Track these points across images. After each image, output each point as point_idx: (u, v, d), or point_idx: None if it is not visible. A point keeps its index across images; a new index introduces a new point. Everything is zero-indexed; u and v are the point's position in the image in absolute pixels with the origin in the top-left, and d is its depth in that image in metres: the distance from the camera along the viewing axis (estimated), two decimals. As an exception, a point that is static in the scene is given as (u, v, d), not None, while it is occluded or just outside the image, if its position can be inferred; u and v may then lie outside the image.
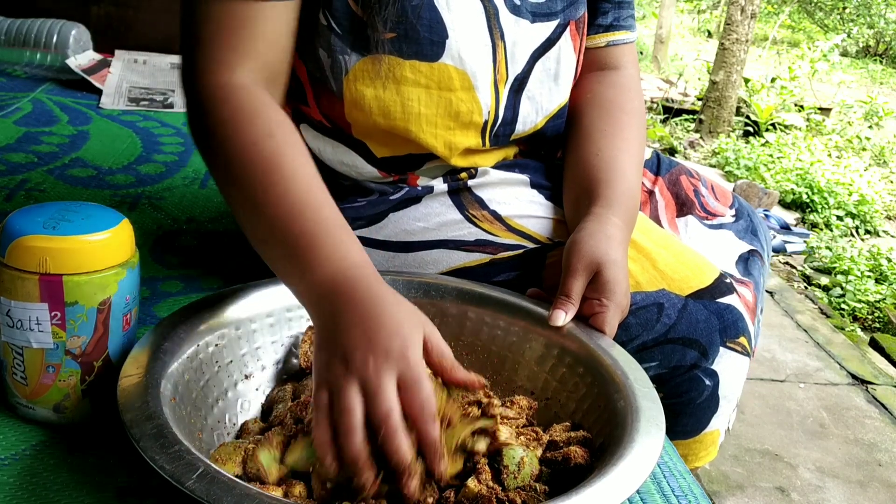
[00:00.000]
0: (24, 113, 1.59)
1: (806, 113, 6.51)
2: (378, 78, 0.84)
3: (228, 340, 0.74)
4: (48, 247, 0.63)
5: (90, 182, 1.30)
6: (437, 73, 0.85)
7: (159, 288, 0.98)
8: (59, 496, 0.62)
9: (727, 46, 5.90)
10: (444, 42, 0.85)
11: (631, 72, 1.04)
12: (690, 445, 0.98)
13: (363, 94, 0.85)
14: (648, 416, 0.65)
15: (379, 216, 0.93)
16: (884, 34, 11.34)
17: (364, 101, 0.85)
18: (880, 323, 3.29)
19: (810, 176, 4.73)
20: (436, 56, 0.85)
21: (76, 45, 1.93)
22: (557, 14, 0.93)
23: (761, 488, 2.03)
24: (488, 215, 0.93)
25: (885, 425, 2.40)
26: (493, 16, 0.88)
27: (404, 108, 0.86)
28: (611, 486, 0.57)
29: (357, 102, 0.86)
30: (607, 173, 0.92)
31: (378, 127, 0.88)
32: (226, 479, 0.53)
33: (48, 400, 0.68)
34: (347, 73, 0.85)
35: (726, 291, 0.93)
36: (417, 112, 0.87)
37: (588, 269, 0.80)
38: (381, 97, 0.85)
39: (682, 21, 12.08)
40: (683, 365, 0.90)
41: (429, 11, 0.83)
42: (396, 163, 0.92)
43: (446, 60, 0.85)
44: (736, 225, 1.12)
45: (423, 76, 0.85)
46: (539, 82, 0.94)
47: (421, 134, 0.88)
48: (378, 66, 0.84)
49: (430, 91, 0.86)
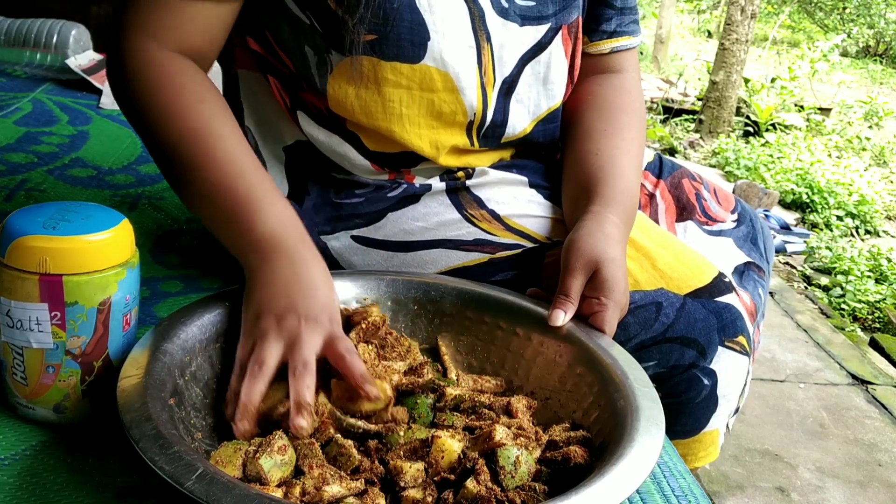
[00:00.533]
0: (24, 113, 1.59)
1: (806, 113, 6.51)
2: (358, 79, 0.85)
3: (229, 341, 0.74)
4: (48, 247, 0.63)
5: (90, 182, 1.30)
6: (419, 75, 0.85)
7: (159, 288, 0.98)
8: (59, 496, 0.62)
9: (727, 46, 5.91)
10: (426, 44, 0.84)
11: (632, 74, 1.04)
12: (689, 445, 0.98)
13: (346, 93, 0.85)
14: (648, 415, 0.65)
15: (378, 215, 0.93)
16: (884, 34, 11.34)
17: (347, 100, 0.86)
18: (880, 323, 3.29)
19: (810, 176, 4.73)
20: (417, 58, 0.85)
21: (76, 45, 1.93)
22: (548, 18, 0.92)
23: (761, 488, 2.03)
24: (487, 215, 0.93)
25: (885, 425, 2.40)
26: (478, 18, 0.87)
27: (386, 108, 0.86)
28: (610, 485, 0.57)
29: (340, 101, 0.86)
30: (606, 172, 0.92)
31: (363, 125, 0.88)
32: (225, 479, 0.53)
33: (48, 400, 0.68)
34: (332, 71, 0.85)
35: (725, 290, 0.93)
36: (399, 112, 0.87)
37: (587, 268, 0.80)
38: (363, 97, 0.86)
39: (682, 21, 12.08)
40: (682, 364, 0.90)
41: (410, 13, 0.83)
42: (389, 159, 0.92)
43: (428, 62, 0.85)
44: (736, 231, 1.11)
45: (405, 77, 0.85)
46: (528, 86, 0.93)
47: (405, 134, 0.88)
48: (358, 66, 0.84)
49: (412, 92, 0.86)
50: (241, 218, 0.75)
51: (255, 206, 0.75)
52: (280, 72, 0.92)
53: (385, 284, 0.83)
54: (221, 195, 0.76)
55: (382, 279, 0.83)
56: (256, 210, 0.75)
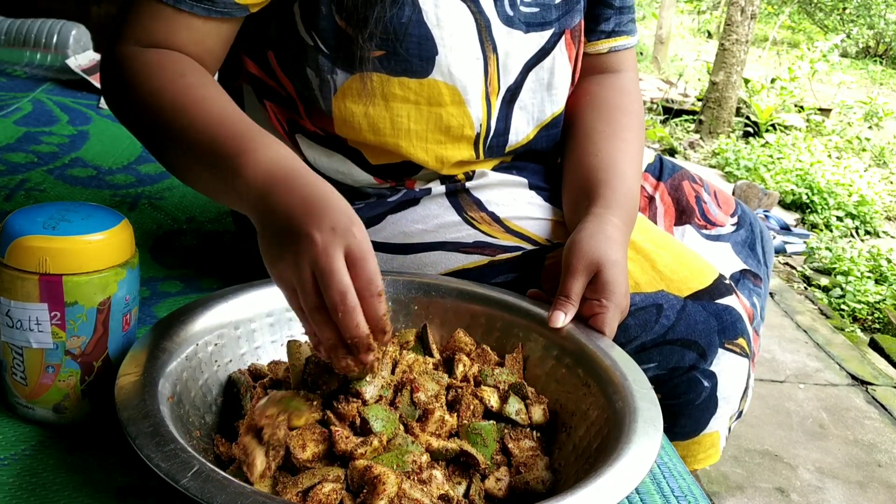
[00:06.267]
0: (24, 113, 1.59)
1: (806, 113, 6.51)
2: (367, 95, 0.84)
3: (228, 340, 0.74)
4: (48, 247, 0.63)
5: (90, 182, 1.30)
6: (427, 90, 0.85)
7: (159, 288, 0.98)
8: (59, 496, 0.62)
9: (727, 47, 5.91)
10: (434, 58, 0.84)
11: (630, 75, 1.04)
12: (689, 447, 0.98)
13: (352, 112, 0.85)
14: (646, 416, 0.66)
15: (377, 218, 0.93)
16: (884, 35, 11.34)
17: (354, 118, 0.85)
18: (880, 324, 3.29)
19: (810, 177, 4.73)
20: (425, 72, 0.84)
21: (76, 45, 1.93)
22: (552, 23, 0.92)
23: (761, 489, 2.03)
24: (487, 217, 0.93)
25: (885, 426, 2.40)
26: (484, 28, 0.87)
27: (394, 124, 0.86)
28: (607, 486, 0.57)
29: (347, 120, 0.86)
30: (607, 174, 0.92)
31: (369, 142, 0.88)
32: (220, 477, 0.53)
33: (48, 400, 0.68)
34: (336, 91, 0.84)
35: (725, 292, 0.93)
36: (407, 128, 0.86)
37: (588, 270, 0.80)
38: (371, 114, 0.85)
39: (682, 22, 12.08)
40: (682, 366, 0.90)
41: (418, 28, 0.83)
42: (391, 170, 0.92)
43: (436, 76, 0.85)
44: (735, 235, 1.11)
45: (413, 92, 0.85)
46: (531, 92, 0.93)
47: (411, 149, 0.88)
48: (366, 83, 0.83)
49: (420, 107, 0.86)
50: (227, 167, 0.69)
51: (241, 151, 0.69)
52: (278, 95, 0.91)
53: (385, 285, 0.82)
54: (205, 149, 0.71)
55: (382, 280, 0.83)
56: (243, 155, 0.69)
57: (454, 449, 0.66)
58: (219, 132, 0.71)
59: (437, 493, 0.61)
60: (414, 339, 0.80)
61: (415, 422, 0.68)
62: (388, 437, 0.65)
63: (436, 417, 0.68)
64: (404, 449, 0.63)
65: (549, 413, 0.74)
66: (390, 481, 0.58)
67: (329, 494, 0.59)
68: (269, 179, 0.67)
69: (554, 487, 0.67)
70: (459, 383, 0.74)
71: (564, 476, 0.68)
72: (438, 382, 0.73)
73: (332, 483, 0.60)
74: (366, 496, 0.58)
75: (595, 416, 0.70)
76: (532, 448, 0.70)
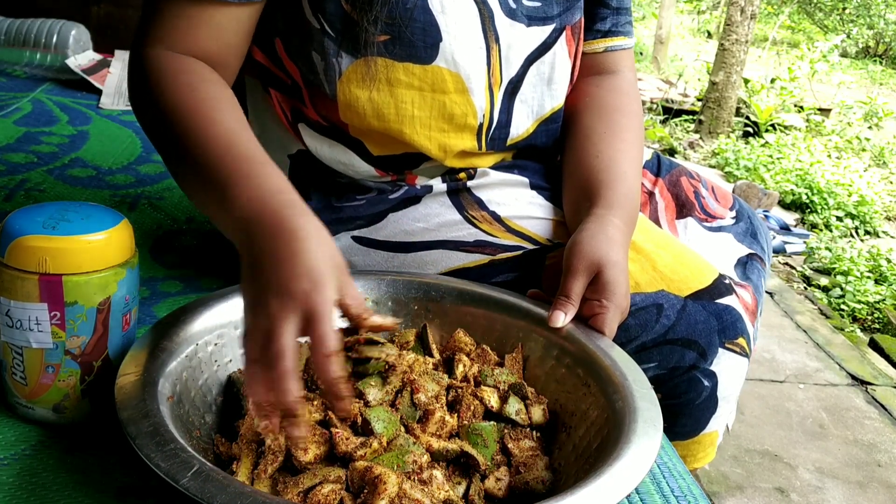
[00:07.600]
0: (24, 113, 1.59)
1: (806, 114, 6.51)
2: (371, 80, 0.85)
3: (228, 340, 0.74)
4: (48, 247, 0.63)
5: (90, 182, 1.31)
6: (431, 76, 0.86)
7: (159, 288, 0.98)
8: (59, 496, 0.62)
9: (727, 47, 5.91)
10: (438, 45, 0.85)
11: (628, 76, 1.04)
12: (689, 447, 0.98)
13: (357, 97, 0.85)
14: (646, 416, 0.66)
15: (378, 216, 0.93)
16: (884, 35, 11.34)
17: (358, 103, 0.86)
18: (880, 324, 3.29)
19: (810, 177, 4.74)
20: (429, 59, 0.85)
21: (76, 45, 1.93)
22: (553, 18, 0.93)
23: (761, 489, 2.03)
24: (488, 216, 0.93)
25: (885, 426, 2.41)
26: (487, 19, 0.88)
27: (398, 110, 0.86)
28: (608, 486, 0.57)
29: (351, 105, 0.86)
30: (607, 175, 0.92)
31: (373, 128, 0.88)
32: (220, 477, 0.53)
33: (48, 400, 0.68)
34: (341, 75, 0.85)
35: (725, 292, 0.93)
36: (411, 114, 0.87)
37: (588, 270, 0.80)
38: (375, 99, 0.85)
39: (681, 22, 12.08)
40: (682, 366, 0.90)
41: (423, 14, 0.83)
42: (393, 161, 0.92)
43: (440, 63, 0.85)
44: (736, 227, 1.12)
45: (417, 78, 0.85)
46: (532, 86, 0.94)
47: (415, 136, 0.88)
48: (371, 68, 0.84)
49: (424, 93, 0.86)
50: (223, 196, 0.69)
51: (233, 180, 0.69)
52: (282, 83, 0.92)
53: (385, 285, 0.83)
54: (206, 175, 0.72)
55: (383, 279, 0.84)
56: (234, 185, 0.69)
57: (455, 450, 0.66)
58: (217, 155, 0.71)
59: (437, 494, 0.61)
60: (414, 339, 0.80)
61: (415, 423, 0.68)
62: (389, 438, 0.65)
63: (436, 418, 0.68)
64: (405, 449, 0.63)
65: (548, 413, 0.74)
66: (391, 481, 0.58)
67: (329, 495, 0.59)
68: (255, 216, 0.66)
69: (554, 487, 0.67)
70: (459, 383, 0.74)
71: (564, 476, 0.68)
72: (438, 383, 0.73)
73: (333, 483, 0.60)
74: (366, 496, 0.58)
75: (595, 416, 0.70)
76: (532, 448, 0.70)
